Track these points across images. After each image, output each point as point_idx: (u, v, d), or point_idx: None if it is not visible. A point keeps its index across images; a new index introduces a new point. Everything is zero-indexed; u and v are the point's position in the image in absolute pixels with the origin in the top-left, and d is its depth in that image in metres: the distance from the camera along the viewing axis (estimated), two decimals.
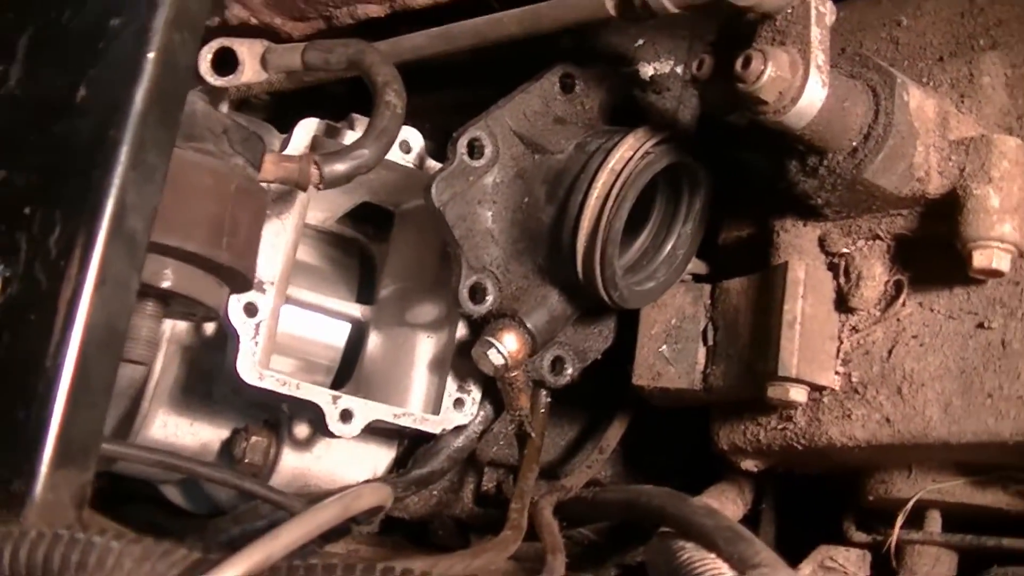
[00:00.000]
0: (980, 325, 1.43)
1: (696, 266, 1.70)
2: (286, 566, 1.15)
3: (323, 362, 1.81)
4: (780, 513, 1.82)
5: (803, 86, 1.35)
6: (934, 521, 1.58)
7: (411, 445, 1.75)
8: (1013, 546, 1.53)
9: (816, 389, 1.51)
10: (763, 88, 1.34)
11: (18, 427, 1.09)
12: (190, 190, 1.33)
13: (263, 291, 1.59)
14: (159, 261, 1.30)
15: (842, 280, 1.53)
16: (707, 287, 1.65)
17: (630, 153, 1.54)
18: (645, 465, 1.90)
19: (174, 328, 1.71)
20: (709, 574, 1.22)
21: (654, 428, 1.82)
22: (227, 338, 1.60)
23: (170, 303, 1.39)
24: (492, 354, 1.57)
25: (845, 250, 1.53)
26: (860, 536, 1.65)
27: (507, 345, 1.57)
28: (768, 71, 1.34)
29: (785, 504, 1.82)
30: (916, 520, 1.59)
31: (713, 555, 1.26)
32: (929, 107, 1.44)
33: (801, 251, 1.55)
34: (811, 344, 1.49)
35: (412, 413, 1.66)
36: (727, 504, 1.67)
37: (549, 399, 1.72)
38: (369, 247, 1.89)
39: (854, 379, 1.50)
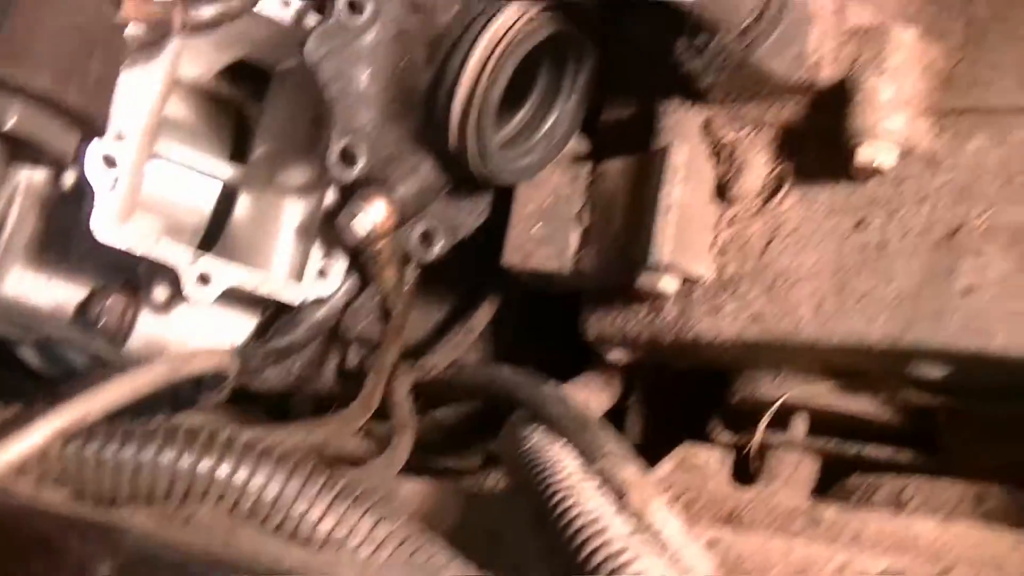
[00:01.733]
0: (859, 224, 1.38)
1: (578, 144, 1.63)
2: (104, 428, 1.10)
3: (190, 224, 1.72)
4: (651, 407, 1.79)
5: None
6: (800, 425, 1.55)
7: (273, 314, 1.68)
8: (875, 454, 1.51)
9: (688, 281, 1.47)
10: None
11: None
12: (37, 22, 1.26)
13: (123, 142, 1.50)
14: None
15: (724, 168, 1.47)
16: (586, 167, 1.59)
17: (513, 19, 1.46)
18: (517, 350, 1.85)
19: (31, 179, 1.62)
20: (552, 462, 1.17)
21: (528, 312, 1.76)
22: (85, 192, 1.52)
23: (15, 145, 1.32)
24: (357, 223, 1.50)
25: (729, 137, 1.47)
26: (726, 436, 1.61)
27: (373, 214, 1.50)
28: None
29: (657, 398, 1.79)
30: (783, 423, 1.56)
31: (561, 442, 1.21)
32: None
33: (684, 135, 1.48)
34: (686, 233, 1.44)
35: (273, 280, 1.59)
36: (593, 395, 1.62)
37: (417, 274, 1.65)
38: (245, 107, 1.80)
39: (727, 272, 1.45)
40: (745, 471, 1.57)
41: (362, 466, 1.29)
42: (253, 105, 1.78)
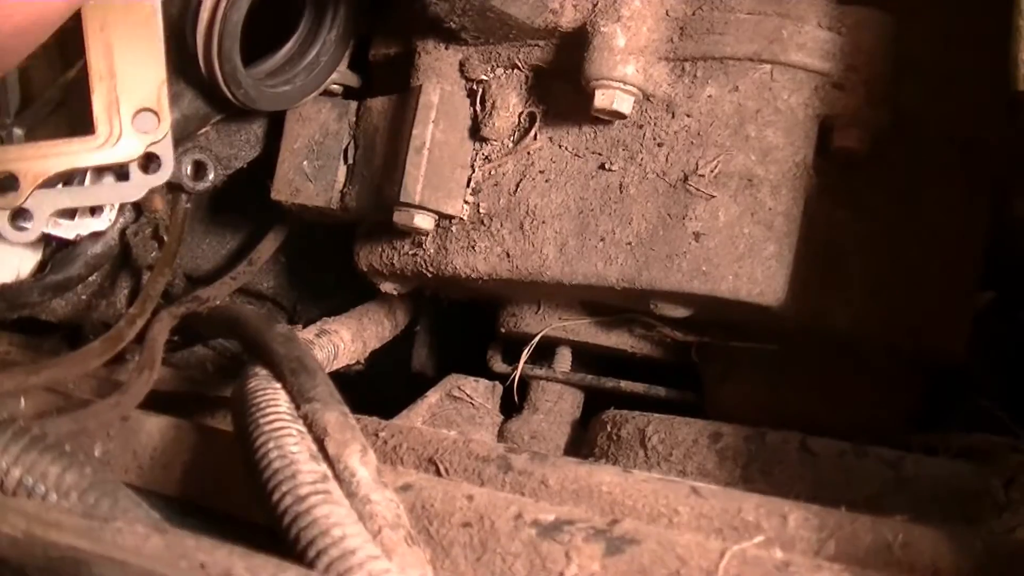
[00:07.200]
0: (602, 166, 1.40)
1: (348, 78, 1.63)
2: None
3: None
4: (436, 336, 1.81)
5: None
6: (564, 358, 1.58)
7: (54, 250, 1.68)
8: (630, 389, 1.54)
9: (445, 217, 1.48)
10: None
11: None
12: None
13: None
14: None
15: (478, 108, 1.48)
16: (353, 104, 1.60)
17: None
18: (308, 280, 1.87)
19: None
20: (263, 404, 1.18)
21: (318, 242, 1.78)
22: None
23: None
24: None
25: (483, 77, 1.48)
26: (503, 366, 1.64)
27: None
28: None
29: (442, 327, 1.81)
30: (549, 355, 1.59)
31: (279, 385, 1.22)
32: None
33: (440, 75, 1.49)
34: (440, 171, 1.45)
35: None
36: (371, 324, 1.64)
37: (189, 204, 1.66)
38: None
39: (482, 210, 1.47)
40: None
41: (89, 407, 1.29)
42: None
